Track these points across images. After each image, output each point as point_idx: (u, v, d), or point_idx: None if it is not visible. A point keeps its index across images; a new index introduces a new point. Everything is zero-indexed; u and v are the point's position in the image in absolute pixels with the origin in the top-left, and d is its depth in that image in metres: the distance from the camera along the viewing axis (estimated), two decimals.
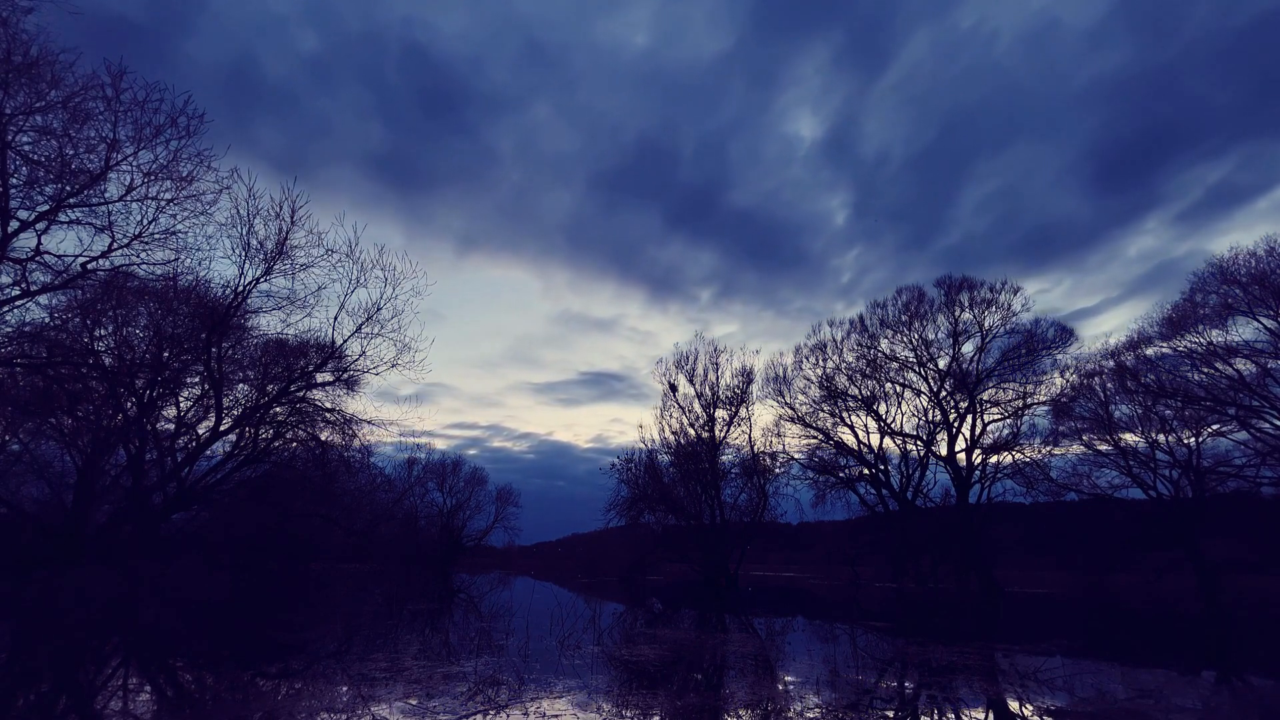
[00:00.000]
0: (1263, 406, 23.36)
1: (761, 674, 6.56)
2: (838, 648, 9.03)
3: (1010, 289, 28.35)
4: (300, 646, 7.95)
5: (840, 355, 30.88)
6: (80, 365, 15.91)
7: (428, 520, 44.33)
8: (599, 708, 4.81)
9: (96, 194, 13.29)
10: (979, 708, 5.35)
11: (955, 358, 29.08)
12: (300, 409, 21.72)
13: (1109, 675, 6.94)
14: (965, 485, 28.26)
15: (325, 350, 20.27)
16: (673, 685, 5.76)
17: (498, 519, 48.89)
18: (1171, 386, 25.78)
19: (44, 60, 11.68)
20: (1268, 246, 22.94)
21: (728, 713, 4.84)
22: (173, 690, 5.45)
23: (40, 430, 18.33)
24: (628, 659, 7.24)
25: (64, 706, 4.82)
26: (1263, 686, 6.74)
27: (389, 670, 6.18)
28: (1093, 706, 5.29)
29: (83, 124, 12.46)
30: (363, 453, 24.44)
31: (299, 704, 4.82)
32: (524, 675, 6.05)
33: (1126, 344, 27.32)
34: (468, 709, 4.68)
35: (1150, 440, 27.39)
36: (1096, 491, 28.92)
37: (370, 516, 27.88)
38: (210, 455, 20.74)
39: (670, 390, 31.20)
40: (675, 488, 30.11)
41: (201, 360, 18.66)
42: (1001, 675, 6.91)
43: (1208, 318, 24.11)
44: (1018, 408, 28.15)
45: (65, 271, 13.78)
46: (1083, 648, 9.35)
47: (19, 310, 14.22)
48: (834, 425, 31.25)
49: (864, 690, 5.87)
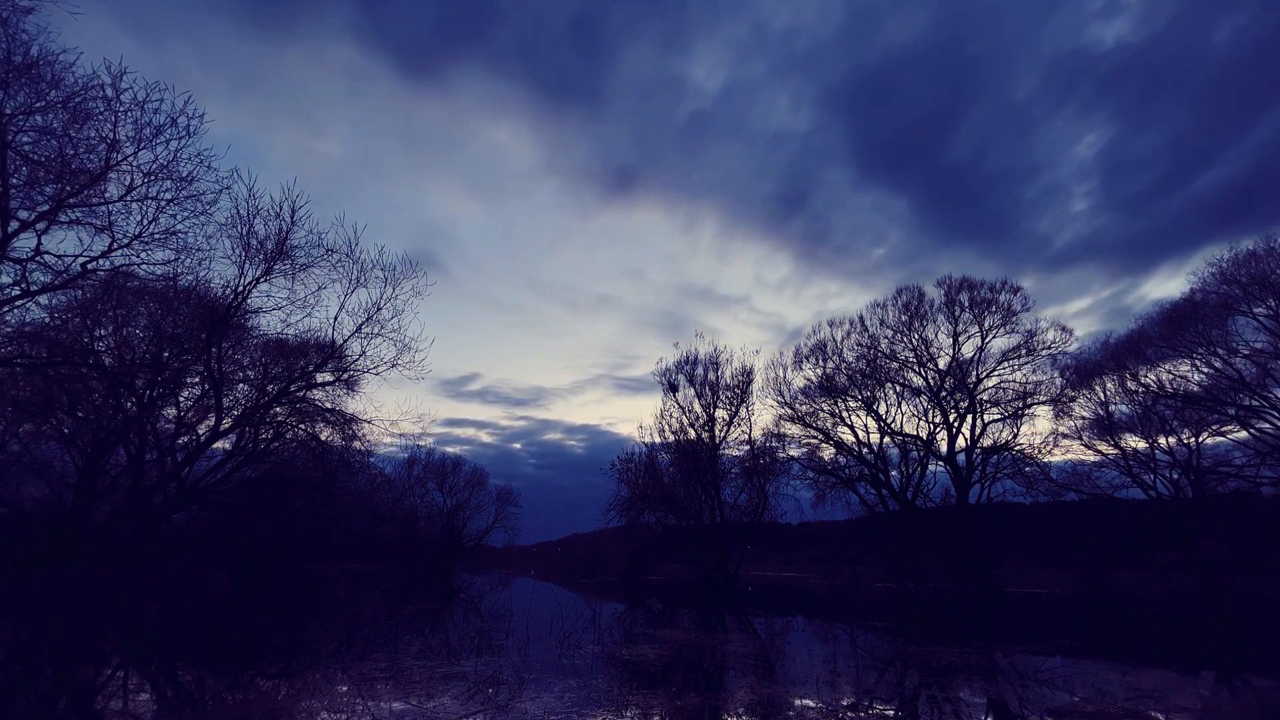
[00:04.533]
0: (1263, 406, 23.36)
1: (761, 674, 6.56)
2: (838, 648, 9.03)
3: (1010, 289, 28.36)
4: (300, 646, 7.95)
5: (840, 355, 30.88)
6: (80, 365, 15.91)
7: (428, 520, 44.28)
8: (599, 708, 4.81)
9: (96, 194, 13.27)
10: (979, 708, 5.34)
11: (955, 358, 29.08)
12: (300, 409, 21.72)
13: (1109, 675, 6.93)
14: (965, 485, 28.25)
15: (325, 350, 20.25)
16: (673, 685, 5.75)
17: (498, 519, 48.90)
18: (1171, 386, 25.79)
19: (44, 60, 11.68)
20: (1267, 246, 22.95)
21: (728, 713, 4.83)
22: (173, 690, 5.44)
23: (40, 430, 18.33)
24: (628, 659, 7.24)
25: (64, 706, 4.82)
26: (1263, 686, 6.73)
27: (389, 670, 6.18)
28: (1093, 706, 5.29)
29: (83, 124, 12.45)
30: (363, 452, 24.43)
31: (299, 704, 4.82)
32: (524, 675, 6.05)
33: (1126, 343, 27.33)
34: (468, 709, 4.68)
35: (1150, 440, 27.42)
36: (1096, 491, 28.92)
37: (370, 516, 27.87)
38: (210, 455, 20.74)
39: (670, 390, 31.20)
40: (675, 487, 30.08)
41: (201, 360, 18.65)
42: (1001, 675, 6.91)
43: (1208, 317, 24.12)
44: (1018, 408, 28.14)
45: (65, 272, 13.76)
46: (1083, 648, 9.34)
47: (19, 310, 14.20)
48: (834, 425, 31.26)
49: (864, 690, 5.87)
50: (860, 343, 30.51)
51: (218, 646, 7.84)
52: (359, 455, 23.79)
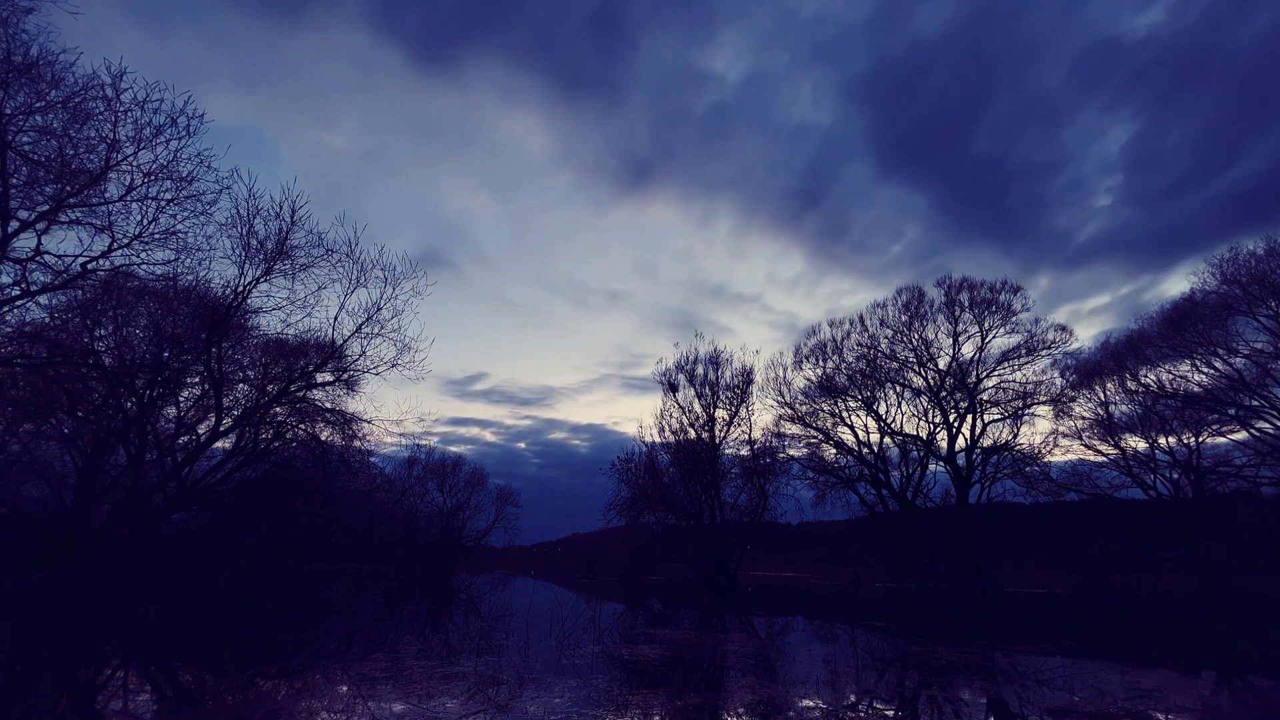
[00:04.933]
0: (1263, 406, 23.35)
1: (761, 674, 6.56)
2: (838, 648, 9.03)
3: (1010, 288, 28.35)
4: (300, 646, 7.95)
5: (840, 355, 30.86)
6: (80, 365, 15.91)
7: (428, 520, 44.31)
8: (599, 708, 4.81)
9: (96, 194, 13.27)
10: (979, 708, 5.34)
11: (955, 358, 29.07)
12: (300, 409, 21.72)
13: (1109, 675, 6.93)
14: (965, 485, 28.23)
15: (325, 350, 20.25)
16: (673, 685, 5.75)
17: (498, 519, 48.94)
18: (1171, 386, 25.78)
19: (44, 60, 11.68)
20: (1268, 246, 22.95)
21: (728, 713, 4.83)
22: (173, 690, 5.44)
23: (40, 430, 18.32)
24: (628, 659, 7.23)
25: (64, 706, 4.82)
26: (1263, 686, 6.73)
27: (389, 670, 6.18)
28: (1093, 706, 5.29)
29: (83, 124, 12.45)
30: (363, 453, 24.42)
31: (299, 704, 4.82)
32: (524, 675, 6.05)
33: (1126, 344, 27.33)
34: (468, 709, 4.68)
35: (1150, 440, 27.41)
36: (1096, 491, 28.90)
37: (370, 517, 27.88)
38: (210, 455, 20.73)
39: (670, 390, 31.18)
40: (675, 487, 30.06)
41: (201, 360, 18.65)
42: (1001, 675, 6.91)
43: (1208, 317, 24.12)
44: (1018, 408, 28.14)
45: (65, 271, 13.76)
46: (1083, 648, 9.34)
47: (19, 310, 14.20)
48: (834, 425, 31.24)
49: (864, 690, 5.87)
50: (860, 343, 30.51)
51: (218, 646, 7.84)
52: (359, 455, 23.80)
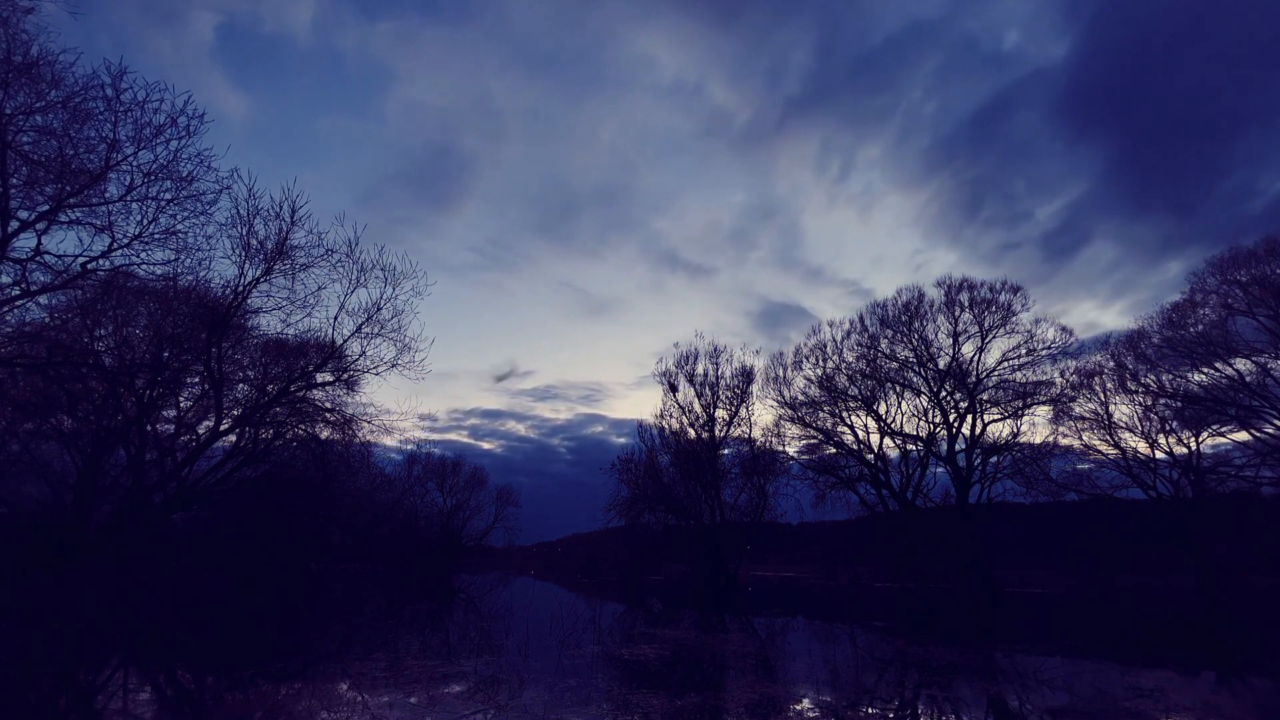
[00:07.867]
0: (1263, 407, 23.35)
1: (761, 674, 6.56)
2: (838, 648, 9.03)
3: (1010, 288, 28.35)
4: (300, 646, 7.95)
5: (840, 355, 30.86)
6: (80, 365, 15.90)
7: (428, 520, 44.31)
8: (599, 707, 4.81)
9: (96, 194, 13.26)
10: (979, 708, 5.34)
11: (955, 358, 29.07)
12: (300, 409, 21.71)
13: (1109, 675, 6.93)
14: (965, 485, 28.23)
15: (325, 350, 20.23)
16: (673, 685, 5.75)
17: (497, 519, 48.97)
18: (1171, 386, 25.77)
19: (44, 60, 11.67)
20: (1268, 246, 22.94)
21: (728, 713, 4.83)
22: (173, 690, 5.45)
23: (40, 430, 18.32)
24: (628, 659, 7.23)
25: (64, 706, 4.82)
26: (1263, 686, 6.73)
27: (389, 670, 6.18)
28: (1093, 706, 5.29)
29: (83, 124, 12.44)
30: (363, 453, 24.40)
31: (299, 704, 4.82)
32: (524, 675, 6.05)
33: (1126, 344, 27.33)
34: (468, 709, 4.68)
35: (1150, 440, 27.39)
36: (1096, 491, 28.87)
37: (370, 516, 27.84)
38: (210, 455, 20.71)
39: (670, 390, 31.21)
40: (675, 488, 30.09)
41: (201, 360, 18.64)
42: (1001, 675, 6.91)
43: (1208, 317, 24.14)
44: (1018, 408, 28.13)
45: (65, 271, 13.75)
46: (1083, 648, 9.34)
47: (19, 310, 14.20)
48: (834, 425, 31.23)
49: (864, 690, 5.87)
50: (860, 343, 30.50)
51: (218, 646, 7.84)
52: (359, 455, 23.79)
